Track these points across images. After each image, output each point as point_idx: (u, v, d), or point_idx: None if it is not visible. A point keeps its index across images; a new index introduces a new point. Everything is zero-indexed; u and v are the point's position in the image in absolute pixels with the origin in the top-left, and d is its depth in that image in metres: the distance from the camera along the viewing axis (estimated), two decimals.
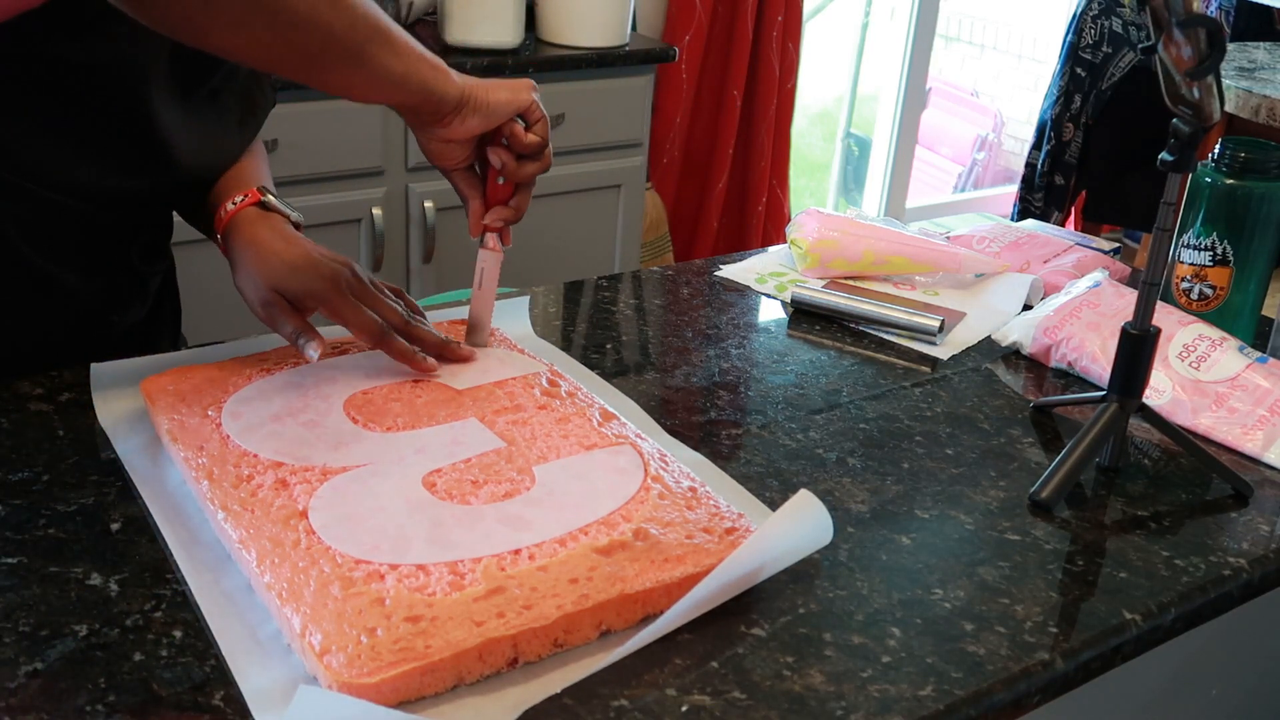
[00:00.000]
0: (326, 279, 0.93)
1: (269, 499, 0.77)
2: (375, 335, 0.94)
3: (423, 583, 0.69)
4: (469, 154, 0.95)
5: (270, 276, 0.94)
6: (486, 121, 0.91)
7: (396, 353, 0.94)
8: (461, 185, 0.97)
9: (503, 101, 0.91)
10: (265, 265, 0.94)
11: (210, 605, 0.70)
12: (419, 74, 0.87)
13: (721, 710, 0.65)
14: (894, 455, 0.94)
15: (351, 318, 0.93)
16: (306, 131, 2.01)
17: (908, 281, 1.30)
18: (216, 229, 1.00)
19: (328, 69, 0.84)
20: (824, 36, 4.63)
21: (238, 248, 0.97)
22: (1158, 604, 0.78)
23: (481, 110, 0.90)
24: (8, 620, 0.68)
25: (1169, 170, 0.87)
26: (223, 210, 0.99)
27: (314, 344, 0.92)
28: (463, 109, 0.90)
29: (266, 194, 1.00)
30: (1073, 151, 3.33)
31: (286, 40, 0.80)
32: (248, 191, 1.00)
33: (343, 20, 0.81)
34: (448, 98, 0.89)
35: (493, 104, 0.91)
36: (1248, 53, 3.09)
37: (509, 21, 2.22)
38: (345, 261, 0.96)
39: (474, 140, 0.94)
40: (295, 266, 0.94)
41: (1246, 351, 1.08)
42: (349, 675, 0.62)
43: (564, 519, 0.76)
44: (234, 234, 0.98)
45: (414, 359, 0.94)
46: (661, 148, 2.94)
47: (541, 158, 0.96)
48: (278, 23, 0.78)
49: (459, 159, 0.95)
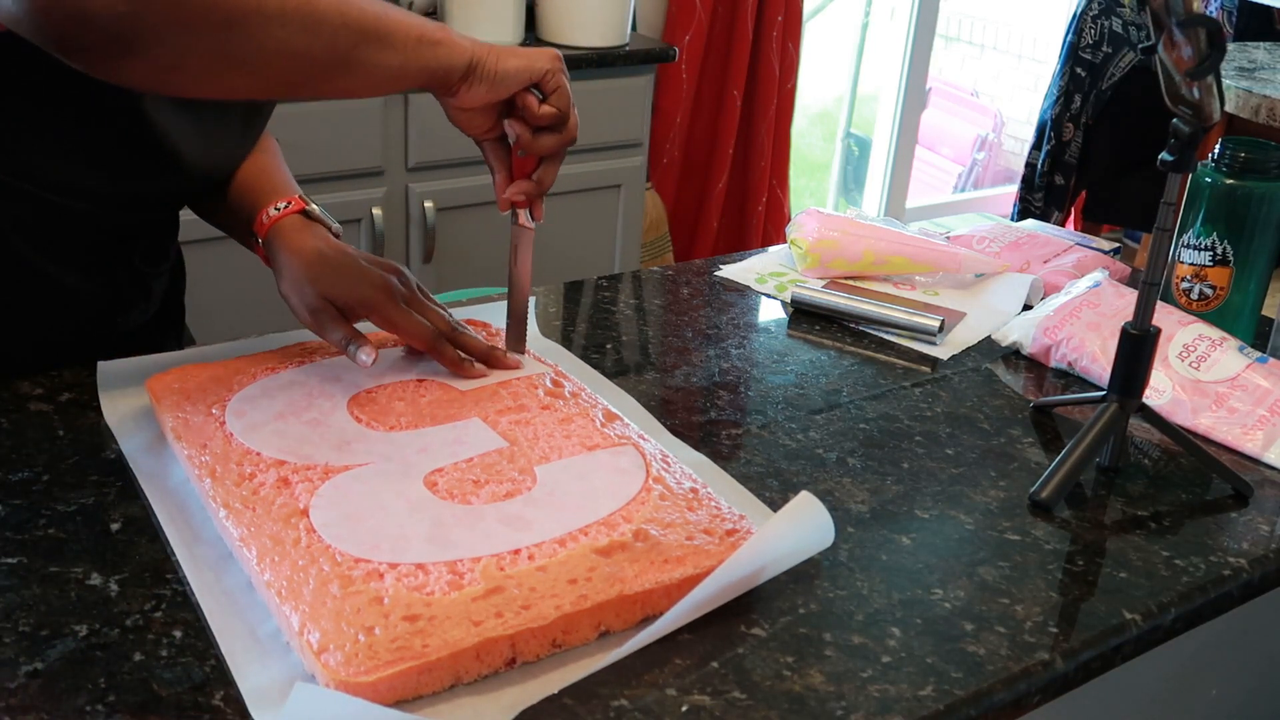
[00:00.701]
0: (379, 287, 0.93)
1: (270, 497, 0.77)
2: (428, 341, 0.93)
3: (421, 582, 0.69)
4: (492, 122, 0.91)
5: (321, 284, 0.93)
6: (493, 90, 0.87)
7: (448, 359, 0.94)
8: (489, 156, 0.94)
9: (512, 70, 0.87)
10: (314, 273, 0.93)
11: (211, 603, 0.70)
12: (419, 59, 0.83)
13: (721, 710, 0.65)
14: (894, 455, 0.94)
15: (403, 324, 0.93)
16: (306, 131, 2.01)
17: (908, 281, 1.30)
18: (257, 233, 0.99)
19: (317, 87, 0.82)
20: (824, 36, 4.63)
21: (283, 255, 0.96)
22: (1158, 604, 0.78)
23: (488, 79, 0.86)
24: (8, 620, 0.68)
25: (1169, 170, 0.87)
26: (264, 216, 0.98)
27: (365, 349, 0.91)
28: (470, 77, 0.86)
29: (309, 203, 0.99)
30: (1073, 151, 3.33)
31: (264, 78, 0.78)
32: (289, 199, 0.99)
33: (320, 40, 0.77)
34: (454, 70, 0.85)
35: (501, 72, 0.86)
36: (1248, 53, 3.09)
37: (509, 21, 2.22)
38: (394, 268, 0.96)
39: (495, 108, 0.90)
40: (346, 274, 0.93)
41: (1246, 351, 1.08)
42: (346, 674, 0.62)
43: (564, 519, 0.76)
44: (278, 241, 0.97)
45: (463, 366, 0.94)
46: (661, 148, 2.94)
47: (562, 130, 0.91)
48: (249, 65, 0.76)
49: (482, 128, 0.91)
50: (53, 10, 0.67)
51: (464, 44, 0.86)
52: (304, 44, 0.77)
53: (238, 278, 1.71)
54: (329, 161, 2.08)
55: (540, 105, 0.89)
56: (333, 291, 0.93)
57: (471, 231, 2.30)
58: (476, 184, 2.26)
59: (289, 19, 0.75)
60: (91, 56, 0.70)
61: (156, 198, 1.00)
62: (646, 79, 2.45)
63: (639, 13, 2.82)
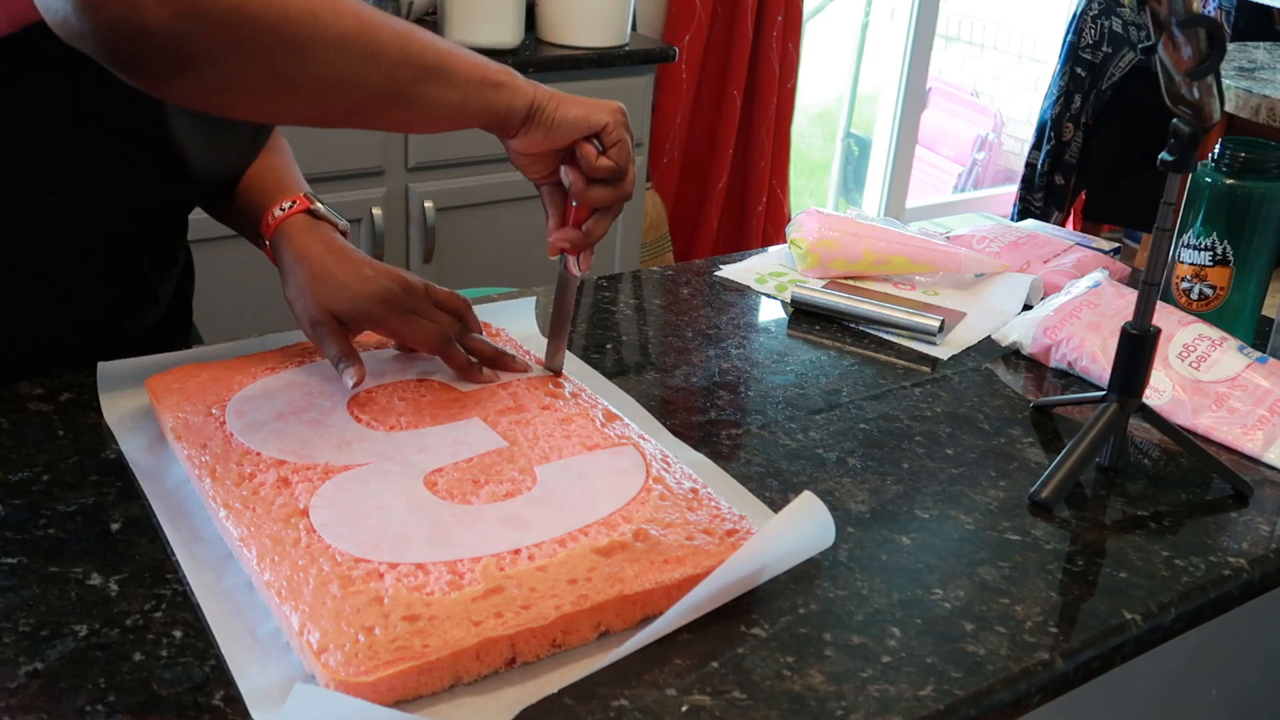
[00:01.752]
0: (378, 300, 0.92)
1: (270, 497, 0.77)
2: (435, 347, 0.93)
3: (421, 582, 0.69)
4: (551, 167, 0.90)
5: (323, 297, 0.92)
6: (550, 137, 0.86)
7: (457, 364, 0.94)
8: (545, 198, 0.93)
9: (570, 118, 0.86)
10: (318, 284, 0.93)
11: (211, 603, 0.70)
12: (480, 99, 0.82)
13: (721, 710, 0.65)
14: (894, 455, 0.94)
15: (408, 334, 0.93)
16: (306, 131, 2.00)
17: (908, 281, 1.30)
18: (264, 234, 0.98)
19: (375, 118, 0.81)
20: (824, 36, 4.63)
21: (288, 260, 0.96)
22: (1158, 604, 0.78)
23: (545, 125, 0.85)
24: (8, 620, 0.68)
25: (1169, 170, 0.87)
26: (270, 216, 0.98)
27: (353, 370, 0.91)
28: (529, 121, 0.85)
29: (315, 201, 0.99)
30: (1073, 151, 3.33)
31: (320, 105, 0.77)
32: (295, 198, 0.99)
33: (380, 72, 0.76)
34: (515, 112, 0.84)
35: (560, 120, 0.85)
36: (1248, 53, 3.09)
37: (509, 21, 2.22)
38: (394, 275, 0.95)
39: (555, 154, 0.89)
40: (347, 287, 0.93)
41: (1246, 351, 1.08)
42: (346, 674, 0.62)
43: (564, 519, 0.76)
44: (283, 244, 0.96)
45: (470, 371, 0.94)
46: (661, 148, 2.94)
47: (617, 185, 0.89)
48: (305, 91, 0.75)
49: (541, 172, 0.90)
50: (116, 27, 0.66)
51: (526, 88, 0.84)
52: (362, 74, 0.76)
53: (246, 276, 1.71)
54: (329, 161, 2.08)
55: (599, 157, 0.87)
56: (334, 306, 0.92)
57: (471, 231, 2.30)
58: (477, 184, 2.26)
59: (348, 48, 0.74)
60: (149, 74, 0.70)
61: (168, 202, 1.00)
62: (646, 79, 2.45)
63: (639, 13, 2.82)
